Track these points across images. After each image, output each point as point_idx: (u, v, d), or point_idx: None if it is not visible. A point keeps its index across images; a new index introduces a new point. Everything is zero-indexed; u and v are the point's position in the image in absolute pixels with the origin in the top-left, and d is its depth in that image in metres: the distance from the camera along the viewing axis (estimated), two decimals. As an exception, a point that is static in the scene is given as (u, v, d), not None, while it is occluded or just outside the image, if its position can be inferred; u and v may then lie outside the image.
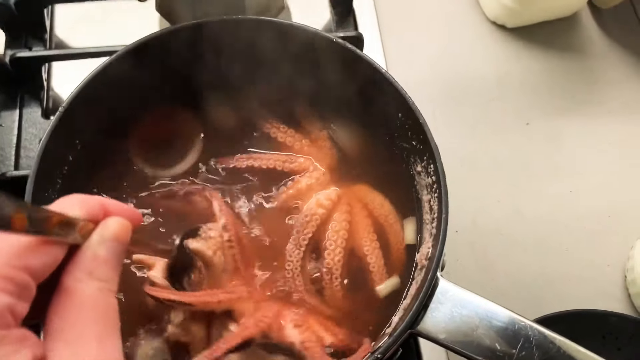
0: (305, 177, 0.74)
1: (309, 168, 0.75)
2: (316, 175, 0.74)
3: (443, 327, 0.57)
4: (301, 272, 0.68)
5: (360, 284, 0.70)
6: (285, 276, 0.68)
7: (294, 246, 0.69)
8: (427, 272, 0.61)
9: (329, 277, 0.69)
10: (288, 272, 0.68)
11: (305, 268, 0.69)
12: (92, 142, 0.71)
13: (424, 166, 0.68)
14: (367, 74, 0.70)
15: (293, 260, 0.69)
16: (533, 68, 1.07)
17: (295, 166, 0.75)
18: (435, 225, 0.63)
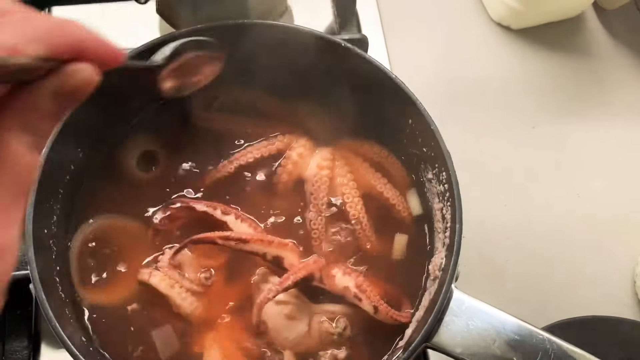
0: (293, 150, 0.74)
1: (292, 140, 0.75)
2: (302, 143, 0.74)
3: (459, 341, 0.56)
4: (326, 236, 0.70)
5: (388, 219, 0.72)
6: (313, 244, 0.69)
7: (315, 213, 0.70)
8: (441, 283, 0.59)
9: (360, 227, 0.70)
10: (315, 240, 0.70)
11: (329, 231, 0.71)
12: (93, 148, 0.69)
13: (435, 173, 0.66)
14: (376, 79, 0.68)
15: (318, 227, 0.70)
16: (538, 70, 1.05)
17: (279, 144, 0.74)
18: (449, 235, 0.62)
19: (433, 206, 0.68)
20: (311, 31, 0.68)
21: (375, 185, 0.73)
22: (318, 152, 0.74)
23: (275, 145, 0.74)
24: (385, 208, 0.73)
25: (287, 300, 0.64)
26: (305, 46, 0.71)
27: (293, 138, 0.75)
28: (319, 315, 0.65)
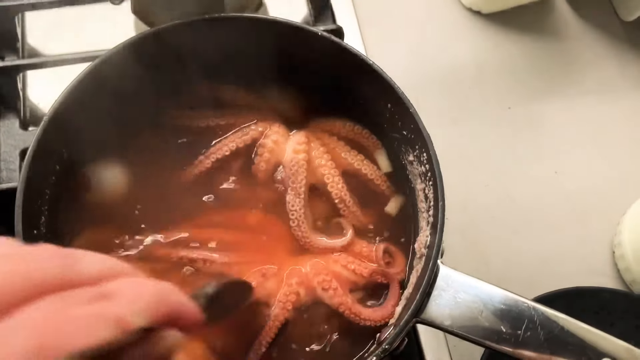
0: (268, 138, 0.74)
1: (265, 127, 0.75)
2: (275, 130, 0.75)
3: (448, 314, 0.57)
4: (305, 218, 0.70)
5: (369, 195, 0.74)
6: (291, 225, 0.70)
7: (293, 196, 0.71)
8: (427, 260, 0.61)
9: (344, 204, 0.72)
10: (293, 222, 0.70)
11: (307, 214, 0.71)
12: (78, 153, 0.69)
13: (416, 155, 0.68)
14: (354, 66, 0.70)
15: (296, 209, 0.70)
16: (511, 53, 1.08)
17: (253, 134, 0.75)
18: (432, 213, 0.63)
19: (416, 187, 0.69)
20: (288, 22, 0.70)
21: (353, 162, 0.74)
22: (292, 136, 0.75)
23: (249, 134, 0.75)
24: (365, 184, 0.75)
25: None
26: (280, 37, 0.73)
27: (266, 125, 0.76)
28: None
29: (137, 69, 0.71)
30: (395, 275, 0.68)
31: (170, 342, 0.34)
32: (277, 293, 0.66)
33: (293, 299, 0.66)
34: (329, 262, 0.68)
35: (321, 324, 0.68)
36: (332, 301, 0.66)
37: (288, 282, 0.67)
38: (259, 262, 0.69)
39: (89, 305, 0.31)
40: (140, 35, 0.68)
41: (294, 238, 0.71)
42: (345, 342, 0.67)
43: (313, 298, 0.67)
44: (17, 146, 0.88)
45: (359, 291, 0.69)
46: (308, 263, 0.69)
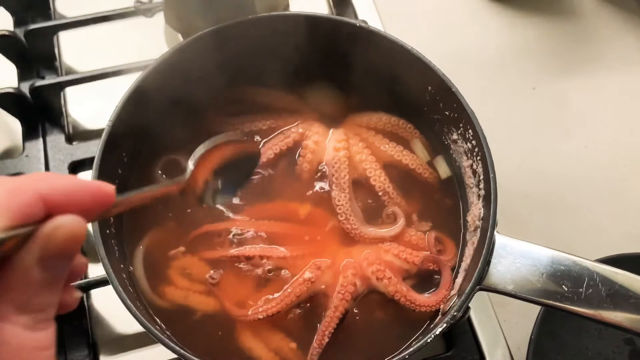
0: (309, 139, 0.77)
1: (305, 129, 0.78)
2: (315, 130, 0.78)
3: (509, 279, 0.60)
4: (352, 211, 0.73)
5: (412, 184, 0.76)
6: (339, 219, 0.73)
7: (338, 192, 0.73)
8: (483, 231, 0.63)
9: (387, 197, 0.74)
10: (341, 215, 0.73)
11: (355, 207, 0.74)
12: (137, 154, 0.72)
13: (460, 133, 0.70)
14: (392, 54, 0.72)
15: (342, 203, 0.73)
16: (530, 35, 1.10)
17: (294, 136, 0.78)
18: (484, 186, 0.66)
19: (462, 164, 0.72)
20: (327, 16, 0.73)
21: (393, 154, 0.77)
22: (332, 134, 0.78)
23: (291, 137, 0.78)
24: (407, 173, 0.77)
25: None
26: (317, 32, 0.75)
27: (306, 127, 0.78)
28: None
29: (184, 76, 0.74)
30: (447, 262, 0.71)
31: (65, 230, 0.31)
32: (333, 284, 0.69)
33: (351, 289, 0.68)
34: (380, 252, 0.71)
35: (377, 312, 0.70)
36: (387, 289, 0.68)
37: (344, 273, 0.69)
38: (312, 255, 0.71)
39: None
40: (197, 36, 0.71)
41: (343, 230, 0.73)
42: (400, 326, 0.70)
43: (368, 287, 0.70)
44: (65, 160, 0.91)
45: (411, 278, 0.71)
46: (360, 254, 0.71)
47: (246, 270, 0.70)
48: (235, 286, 0.69)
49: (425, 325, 0.67)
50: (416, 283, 0.70)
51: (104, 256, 0.59)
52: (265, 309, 0.67)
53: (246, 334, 0.67)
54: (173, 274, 0.70)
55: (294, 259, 0.70)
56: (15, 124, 0.95)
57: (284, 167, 0.77)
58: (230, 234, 0.72)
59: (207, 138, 0.76)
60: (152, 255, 0.71)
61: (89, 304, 0.82)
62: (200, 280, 0.69)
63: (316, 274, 0.68)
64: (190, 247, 0.71)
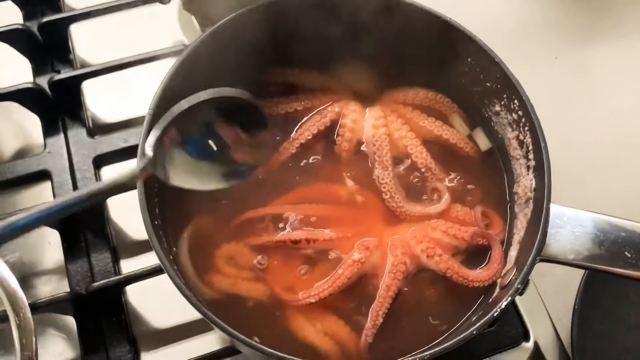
0: (346, 117, 0.76)
1: (342, 107, 0.77)
2: (352, 108, 0.76)
3: (570, 248, 0.59)
4: (396, 189, 0.72)
5: (453, 159, 0.75)
6: (384, 198, 0.71)
7: (381, 170, 0.72)
8: (537, 202, 0.63)
9: (430, 172, 0.74)
10: (386, 194, 0.71)
11: (398, 184, 0.73)
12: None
13: (503, 104, 0.69)
14: (427, 25, 0.71)
15: (386, 181, 0.72)
16: (551, 5, 1.09)
17: (331, 116, 0.76)
18: (534, 157, 0.65)
19: (506, 136, 0.71)
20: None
21: (432, 129, 0.76)
22: (369, 112, 0.77)
23: (327, 116, 0.76)
24: (448, 148, 0.76)
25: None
26: (346, 8, 0.74)
27: (343, 106, 0.77)
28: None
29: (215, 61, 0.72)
30: (496, 236, 0.70)
31: None
32: (382, 264, 0.68)
33: (402, 268, 0.67)
34: (427, 229, 0.70)
35: (428, 289, 0.69)
36: (438, 267, 0.67)
37: (393, 252, 0.68)
38: (358, 235, 0.70)
39: None
40: (227, 20, 0.70)
41: (387, 208, 0.72)
42: (453, 303, 0.69)
43: (418, 266, 0.69)
44: (89, 155, 0.89)
45: (460, 254, 0.70)
46: (406, 232, 0.70)
47: (293, 254, 0.68)
48: (283, 271, 0.68)
49: (480, 300, 0.66)
50: (465, 258, 0.70)
51: (158, 249, 0.57)
52: (317, 292, 0.66)
53: (298, 318, 0.66)
54: (219, 262, 0.68)
55: (340, 240, 0.69)
56: (33, 119, 0.92)
57: (322, 147, 0.75)
58: (273, 218, 0.70)
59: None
60: (196, 245, 0.69)
61: (125, 300, 0.81)
62: (248, 267, 0.68)
63: (365, 255, 0.67)
64: (234, 234, 0.69)
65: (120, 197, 0.81)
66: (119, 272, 0.82)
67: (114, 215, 0.86)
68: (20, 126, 0.94)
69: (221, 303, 0.67)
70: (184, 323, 0.80)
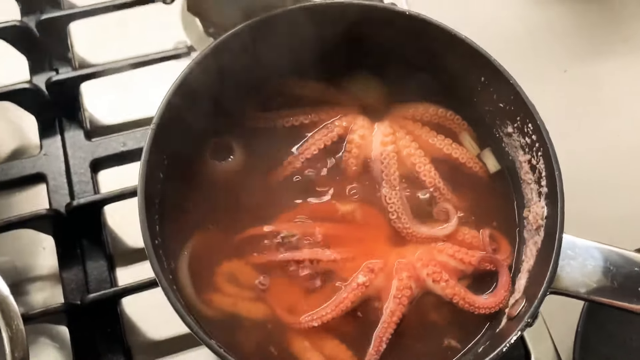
0: (354, 133, 0.74)
1: (349, 122, 0.74)
2: (360, 124, 0.74)
3: (581, 281, 0.58)
4: (403, 209, 0.70)
5: (462, 179, 0.73)
6: (390, 218, 0.70)
7: (389, 189, 0.71)
8: (549, 230, 0.61)
9: (438, 192, 0.71)
10: (392, 214, 0.70)
11: (405, 204, 0.71)
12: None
13: (516, 127, 0.67)
14: (442, 42, 0.69)
15: (394, 201, 0.70)
16: (559, 16, 1.07)
17: (338, 130, 0.74)
18: (546, 183, 0.63)
19: (517, 159, 0.69)
20: (364, 3, 0.69)
21: (442, 147, 0.74)
22: (377, 128, 0.74)
23: (334, 131, 0.74)
24: (456, 168, 0.74)
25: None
26: (353, 20, 0.72)
27: (350, 120, 0.75)
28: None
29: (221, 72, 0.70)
30: (503, 262, 0.68)
31: None
32: (387, 287, 0.66)
33: (408, 293, 0.65)
34: (434, 252, 0.68)
35: (432, 314, 0.68)
36: (444, 292, 0.66)
37: (399, 276, 0.66)
38: (363, 256, 0.68)
39: None
40: (249, 23, 0.68)
41: (393, 229, 0.70)
42: (458, 329, 0.67)
43: (423, 289, 0.67)
44: (86, 158, 0.86)
45: (466, 279, 0.68)
46: (412, 254, 0.68)
47: (296, 274, 0.66)
48: (285, 291, 0.66)
49: (487, 326, 0.65)
50: (470, 283, 0.68)
51: (158, 271, 0.56)
52: (319, 315, 0.64)
53: (299, 341, 0.65)
54: (220, 280, 0.67)
55: (344, 262, 0.67)
56: (29, 119, 0.90)
57: (328, 163, 0.73)
58: (276, 236, 0.68)
59: (245, 134, 0.74)
60: (196, 261, 0.67)
61: (120, 310, 0.79)
62: (249, 286, 0.66)
63: (370, 278, 0.66)
64: (236, 251, 0.68)
65: (117, 204, 0.82)
66: (114, 282, 0.80)
67: (111, 221, 0.84)
68: (15, 126, 0.91)
69: (220, 323, 0.65)
70: (179, 335, 0.78)
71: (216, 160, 0.72)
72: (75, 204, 0.79)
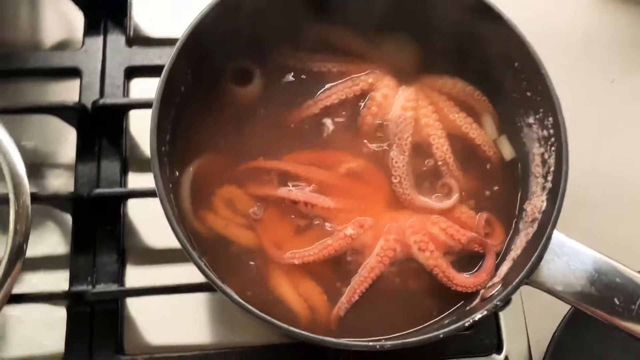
0: (377, 91, 0.74)
1: (376, 80, 0.74)
2: (386, 83, 0.74)
3: (560, 280, 0.58)
4: (407, 175, 0.70)
5: (473, 160, 0.73)
6: (393, 182, 0.70)
7: (398, 153, 0.71)
8: (542, 225, 0.61)
9: (447, 167, 0.71)
10: (395, 177, 0.70)
11: (410, 171, 0.71)
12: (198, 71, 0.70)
13: (538, 118, 0.67)
14: (482, 17, 0.68)
15: (399, 165, 0.71)
16: (622, 26, 1.03)
17: (362, 85, 0.74)
18: (552, 179, 0.63)
19: (531, 151, 0.68)
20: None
21: (461, 125, 0.73)
22: (401, 92, 0.74)
23: (359, 85, 0.74)
24: (470, 148, 0.74)
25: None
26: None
27: (377, 78, 0.75)
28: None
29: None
30: (493, 247, 0.68)
31: None
32: (372, 245, 0.67)
33: (390, 254, 0.67)
34: (427, 223, 0.69)
35: (411, 280, 0.69)
36: (427, 262, 0.67)
37: (386, 237, 0.67)
38: (357, 211, 0.69)
39: None
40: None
41: (392, 192, 0.71)
42: (432, 299, 0.68)
43: (407, 255, 0.68)
44: (123, 63, 0.89)
45: (452, 255, 0.69)
46: (405, 220, 0.69)
47: (289, 213, 0.68)
48: (275, 226, 0.68)
49: (459, 304, 0.66)
50: (455, 260, 0.69)
51: (157, 174, 0.58)
52: (301, 255, 0.66)
53: (278, 274, 0.67)
54: (217, 202, 0.69)
55: (338, 212, 0.69)
56: (77, 15, 0.92)
57: (345, 115, 0.74)
58: (279, 174, 0.70)
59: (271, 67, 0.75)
60: (199, 179, 0.70)
61: (124, 211, 0.82)
62: (243, 214, 0.69)
63: (358, 232, 0.67)
64: (238, 178, 0.70)
65: (141, 112, 0.85)
66: (124, 184, 0.83)
67: (133, 128, 0.87)
68: (64, 19, 0.94)
69: (208, 241, 0.68)
70: (175, 248, 0.81)
71: (236, 85, 0.74)
72: (101, 102, 0.81)
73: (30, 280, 0.79)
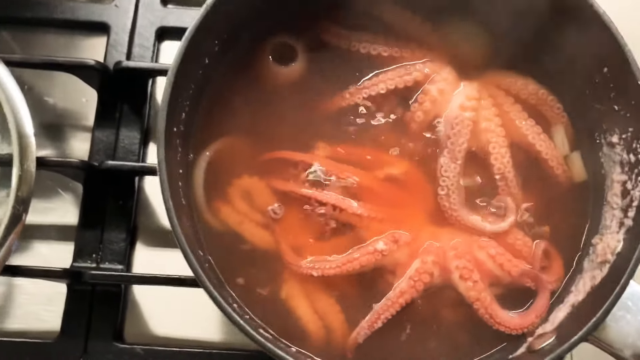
0: (434, 84, 0.64)
1: (433, 71, 0.64)
2: (444, 76, 0.64)
3: (630, 343, 0.48)
4: (457, 187, 0.61)
5: (536, 177, 0.63)
6: (439, 193, 0.61)
7: (449, 160, 0.61)
8: (615, 270, 0.51)
9: (504, 183, 0.62)
10: (442, 189, 0.61)
11: (460, 184, 0.62)
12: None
13: (624, 138, 0.56)
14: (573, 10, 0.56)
15: (449, 175, 0.61)
16: None
17: (416, 75, 0.64)
18: (633, 216, 0.52)
19: (610, 176, 0.57)
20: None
21: (527, 134, 0.63)
22: (462, 88, 0.64)
23: (412, 75, 0.64)
24: (535, 162, 0.63)
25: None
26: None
27: (435, 68, 0.64)
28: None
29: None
30: (548, 285, 0.59)
31: None
32: (405, 264, 0.58)
33: (426, 279, 0.57)
34: (474, 247, 0.59)
35: (446, 310, 0.60)
36: (468, 293, 0.57)
37: (423, 257, 0.58)
38: (392, 222, 0.60)
39: None
40: None
41: (437, 205, 0.61)
42: (467, 336, 0.59)
43: (445, 282, 0.59)
44: (154, 23, 0.82)
45: (498, 287, 0.59)
46: (448, 240, 0.59)
47: (313, 215, 0.59)
48: (296, 229, 0.60)
49: (499, 347, 0.56)
50: (501, 293, 0.59)
51: (162, 158, 0.50)
52: (322, 266, 0.58)
53: (293, 285, 0.59)
54: (234, 193, 0.61)
55: (370, 221, 0.60)
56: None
57: (392, 108, 0.64)
58: (307, 168, 0.61)
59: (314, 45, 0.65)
60: (216, 166, 0.62)
61: (139, 186, 0.75)
62: (261, 210, 0.60)
63: (391, 247, 0.58)
64: (260, 169, 0.61)
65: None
66: (143, 157, 0.76)
67: (159, 95, 0.80)
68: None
69: (219, 236, 0.60)
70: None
71: (275, 62, 0.65)
72: (124, 64, 0.74)
73: (40, 250, 0.74)
